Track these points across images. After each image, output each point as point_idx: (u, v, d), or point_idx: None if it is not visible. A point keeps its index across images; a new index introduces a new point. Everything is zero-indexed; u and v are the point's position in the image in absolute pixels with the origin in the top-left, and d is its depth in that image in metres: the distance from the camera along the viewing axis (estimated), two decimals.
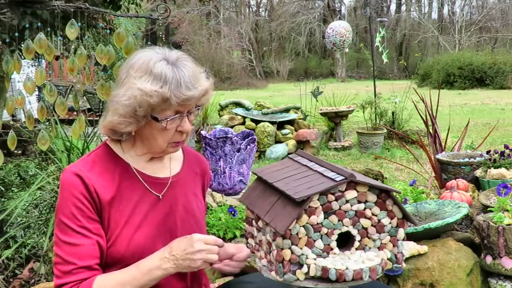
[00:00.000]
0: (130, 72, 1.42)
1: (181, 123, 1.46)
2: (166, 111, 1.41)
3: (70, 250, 1.40)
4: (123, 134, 1.48)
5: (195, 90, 1.41)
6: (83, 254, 1.40)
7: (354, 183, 1.35)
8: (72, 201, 1.42)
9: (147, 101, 1.37)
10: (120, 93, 1.41)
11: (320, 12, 30.17)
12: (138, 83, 1.38)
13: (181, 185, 1.61)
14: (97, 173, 1.47)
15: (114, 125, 1.44)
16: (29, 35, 2.81)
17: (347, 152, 8.04)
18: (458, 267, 2.27)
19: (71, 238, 1.40)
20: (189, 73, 1.41)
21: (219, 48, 27.04)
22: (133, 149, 1.53)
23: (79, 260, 1.39)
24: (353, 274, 1.30)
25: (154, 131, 1.45)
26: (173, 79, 1.38)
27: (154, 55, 1.42)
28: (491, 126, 7.98)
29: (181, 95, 1.39)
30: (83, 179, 1.43)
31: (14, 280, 2.95)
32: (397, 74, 26.33)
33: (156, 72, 1.38)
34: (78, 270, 1.38)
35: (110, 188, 1.47)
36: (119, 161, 1.52)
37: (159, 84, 1.37)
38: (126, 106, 1.39)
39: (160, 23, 3.11)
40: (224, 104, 8.46)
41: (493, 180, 2.94)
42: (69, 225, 1.41)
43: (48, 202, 3.57)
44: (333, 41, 9.14)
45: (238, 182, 4.37)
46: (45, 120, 2.93)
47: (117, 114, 1.42)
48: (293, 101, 9.92)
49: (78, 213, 1.41)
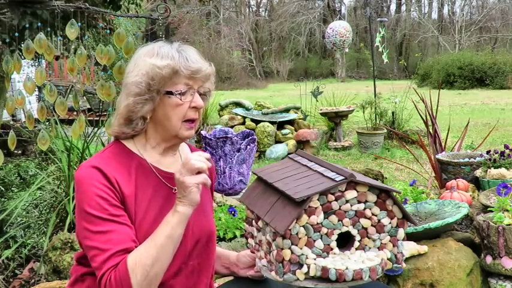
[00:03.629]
0: (138, 60, 1.51)
1: (194, 98, 1.51)
2: (178, 84, 1.48)
3: (103, 238, 1.38)
4: (138, 121, 1.51)
5: (202, 64, 1.51)
6: (117, 239, 1.39)
7: (353, 183, 1.35)
8: (95, 192, 1.41)
9: (159, 73, 1.45)
10: (133, 75, 1.48)
11: (320, 12, 30.18)
12: (149, 60, 1.48)
13: None
14: (114, 167, 1.48)
15: (131, 108, 1.49)
16: (29, 35, 2.81)
17: (347, 152, 8.04)
18: (458, 267, 2.27)
19: (101, 227, 1.39)
20: (193, 53, 1.52)
21: (219, 48, 27.06)
22: (148, 142, 1.56)
23: (114, 245, 1.37)
24: (353, 274, 1.30)
25: (169, 108, 1.49)
26: (180, 56, 1.48)
27: (158, 44, 1.53)
28: (491, 126, 7.98)
29: (190, 67, 1.48)
30: (102, 171, 1.44)
31: (14, 280, 2.95)
32: (397, 74, 26.34)
33: (163, 53, 1.49)
34: (116, 255, 1.37)
35: (128, 182, 1.48)
36: (134, 156, 1.53)
37: (167, 60, 1.47)
38: (139, 83, 1.46)
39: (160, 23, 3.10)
40: (224, 104, 8.46)
41: (493, 180, 2.94)
42: (97, 215, 1.40)
43: (48, 202, 3.57)
44: (333, 41, 9.14)
45: (238, 182, 4.37)
46: (45, 120, 2.93)
47: (132, 94, 1.48)
48: (293, 101, 9.93)
49: (103, 202, 1.41)
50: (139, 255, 1.35)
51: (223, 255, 1.79)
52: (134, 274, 1.33)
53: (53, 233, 3.15)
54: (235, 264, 1.77)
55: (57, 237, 2.71)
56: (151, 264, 1.34)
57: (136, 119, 1.51)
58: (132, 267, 1.33)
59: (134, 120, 1.51)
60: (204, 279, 1.61)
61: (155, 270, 1.35)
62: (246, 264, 1.74)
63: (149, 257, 1.35)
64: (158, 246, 1.36)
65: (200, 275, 1.59)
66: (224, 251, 1.82)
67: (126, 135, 1.54)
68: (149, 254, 1.35)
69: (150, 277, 1.34)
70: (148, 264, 1.34)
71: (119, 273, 1.34)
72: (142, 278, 1.33)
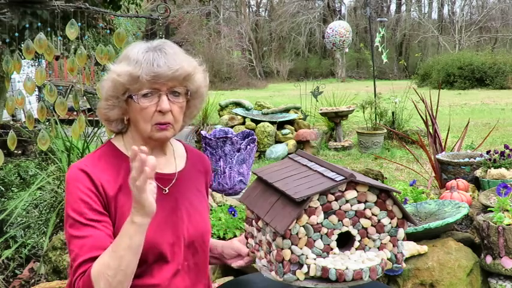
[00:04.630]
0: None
1: (159, 102, 1.48)
2: (141, 90, 1.47)
3: (79, 243, 1.41)
4: (118, 122, 1.55)
5: (167, 69, 1.45)
6: (90, 245, 1.40)
7: (354, 183, 1.35)
8: (78, 196, 1.44)
9: (117, 80, 1.46)
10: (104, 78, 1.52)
11: (320, 12, 30.18)
12: (113, 67, 1.49)
13: (186, 180, 1.63)
14: (102, 168, 1.49)
15: (102, 110, 1.53)
16: (29, 35, 2.81)
17: (347, 152, 8.04)
18: (458, 267, 2.27)
19: (79, 231, 1.41)
20: (165, 56, 1.46)
21: (219, 48, 27.05)
22: (134, 142, 1.56)
23: (86, 253, 1.39)
24: (353, 274, 1.30)
25: (135, 112, 1.50)
26: (145, 60, 1.45)
27: (139, 44, 1.52)
28: (491, 126, 7.98)
29: (151, 72, 1.44)
30: (88, 174, 1.46)
31: (14, 280, 2.95)
32: (397, 74, 26.31)
33: (131, 56, 1.47)
34: (86, 262, 1.38)
35: (115, 182, 1.49)
36: (124, 156, 1.54)
37: (130, 66, 1.46)
38: (104, 89, 1.50)
39: (160, 23, 3.10)
40: (224, 104, 8.46)
41: (493, 180, 2.94)
42: (77, 219, 1.42)
43: (48, 202, 3.57)
44: (333, 41, 9.14)
45: (238, 182, 4.36)
46: (45, 120, 2.93)
47: (102, 99, 1.52)
48: (293, 101, 9.93)
49: (84, 207, 1.43)
50: (101, 265, 1.36)
51: (212, 246, 1.77)
52: (97, 283, 1.34)
53: (53, 233, 3.15)
54: (221, 255, 1.76)
55: (57, 237, 2.71)
56: (113, 275, 1.34)
57: (113, 120, 1.55)
58: (96, 277, 1.35)
59: (112, 121, 1.55)
60: (201, 278, 1.61)
61: (118, 278, 1.35)
62: (230, 255, 1.73)
63: (110, 268, 1.35)
64: (118, 257, 1.35)
65: (198, 274, 1.59)
66: (214, 241, 1.80)
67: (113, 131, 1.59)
68: (110, 265, 1.35)
69: (114, 285, 1.35)
70: (110, 275, 1.34)
71: (83, 283, 1.37)
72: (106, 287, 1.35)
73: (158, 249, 1.48)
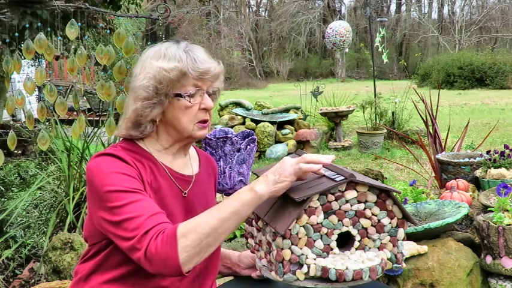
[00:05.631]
0: (145, 63, 1.47)
1: (203, 99, 1.48)
2: (186, 86, 1.45)
3: (131, 208, 1.31)
4: (147, 125, 1.47)
5: (211, 64, 1.48)
6: (145, 206, 1.32)
7: (353, 183, 1.35)
8: (114, 171, 1.36)
9: (166, 76, 1.42)
10: (140, 78, 1.45)
11: (320, 12, 30.19)
12: (156, 63, 1.44)
13: (201, 183, 1.62)
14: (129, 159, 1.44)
15: (139, 112, 1.45)
16: (29, 35, 2.81)
17: (347, 152, 8.04)
18: (458, 267, 2.27)
19: (127, 199, 1.32)
20: (201, 53, 1.48)
21: (219, 48, 27.06)
22: (159, 142, 1.52)
23: (145, 210, 1.30)
24: (353, 274, 1.30)
25: (178, 111, 1.47)
26: (187, 57, 1.45)
27: (165, 44, 1.50)
28: (491, 126, 7.98)
29: (198, 68, 1.45)
30: (119, 157, 1.41)
31: (14, 280, 2.95)
32: (397, 74, 26.33)
33: (170, 54, 1.45)
34: (150, 218, 1.29)
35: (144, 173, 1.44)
36: (146, 153, 1.50)
37: (175, 62, 1.44)
38: (147, 87, 1.43)
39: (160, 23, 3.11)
40: (224, 104, 8.46)
41: (493, 180, 2.94)
42: (120, 189, 1.34)
43: (48, 202, 3.57)
44: (333, 41, 9.14)
45: (238, 182, 4.36)
46: (45, 120, 2.93)
47: (140, 98, 1.44)
48: (293, 101, 9.93)
49: (123, 177, 1.36)
50: (195, 223, 1.27)
51: (224, 255, 1.78)
52: (184, 239, 1.24)
53: (53, 233, 3.15)
54: (237, 265, 1.76)
55: (57, 237, 2.71)
56: (207, 234, 1.25)
57: (145, 122, 1.47)
58: (184, 232, 1.25)
59: (143, 124, 1.47)
60: (208, 281, 1.61)
61: (209, 240, 1.26)
62: (247, 265, 1.73)
63: (207, 226, 1.26)
64: (221, 218, 1.27)
65: (206, 277, 1.59)
66: (225, 250, 1.81)
67: (134, 137, 1.51)
68: (208, 223, 1.26)
69: (202, 246, 1.25)
70: (204, 233, 1.25)
71: (166, 235, 1.25)
72: (193, 244, 1.24)
73: None
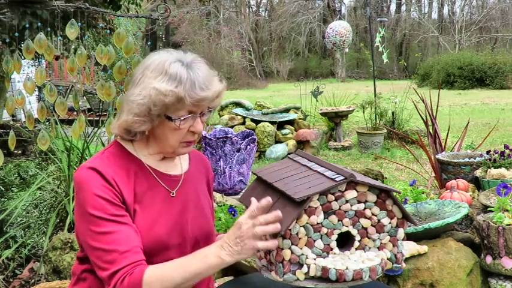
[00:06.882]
0: (146, 72, 1.45)
1: (194, 123, 1.48)
2: (180, 111, 1.44)
3: (108, 239, 1.37)
4: (137, 133, 1.50)
5: (209, 91, 1.44)
6: (121, 239, 1.38)
7: (353, 183, 1.35)
8: (95, 193, 1.40)
9: (162, 100, 1.40)
10: (136, 92, 1.44)
11: (320, 12, 30.18)
12: (153, 82, 1.41)
13: (191, 182, 1.63)
14: (113, 170, 1.47)
15: (129, 124, 1.46)
16: (29, 35, 2.81)
17: (347, 152, 8.04)
18: (458, 267, 2.27)
19: (105, 228, 1.38)
20: (203, 74, 1.45)
21: (219, 48, 27.06)
22: (147, 148, 1.55)
23: (120, 246, 1.37)
24: (353, 274, 1.30)
25: (167, 130, 1.47)
26: (187, 80, 1.41)
27: (170, 56, 1.46)
28: (491, 126, 7.98)
29: (195, 96, 1.42)
30: (101, 173, 1.43)
31: (14, 280, 2.95)
32: (397, 74, 26.32)
33: (171, 73, 1.42)
34: (122, 256, 1.36)
35: (127, 185, 1.47)
36: (133, 158, 1.53)
37: (174, 84, 1.40)
38: (141, 105, 1.42)
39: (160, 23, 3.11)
40: (224, 104, 8.45)
41: (493, 180, 2.94)
42: (100, 216, 1.39)
43: (48, 202, 3.58)
44: (333, 41, 9.14)
45: (238, 182, 4.36)
46: (45, 120, 2.93)
47: (132, 113, 1.44)
48: (293, 101, 9.93)
49: (105, 203, 1.40)
50: (161, 273, 1.34)
51: None
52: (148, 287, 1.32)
53: (53, 233, 3.15)
54: None
55: (57, 237, 2.71)
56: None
57: (134, 132, 1.49)
58: (149, 281, 1.32)
59: (132, 132, 1.50)
60: (205, 279, 1.61)
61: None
62: None
63: (172, 282, 1.33)
64: (185, 277, 1.34)
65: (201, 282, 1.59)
66: None
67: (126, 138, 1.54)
68: (173, 278, 1.33)
69: None
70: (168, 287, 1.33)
71: (133, 280, 1.33)
72: None
73: (166, 251, 1.48)
